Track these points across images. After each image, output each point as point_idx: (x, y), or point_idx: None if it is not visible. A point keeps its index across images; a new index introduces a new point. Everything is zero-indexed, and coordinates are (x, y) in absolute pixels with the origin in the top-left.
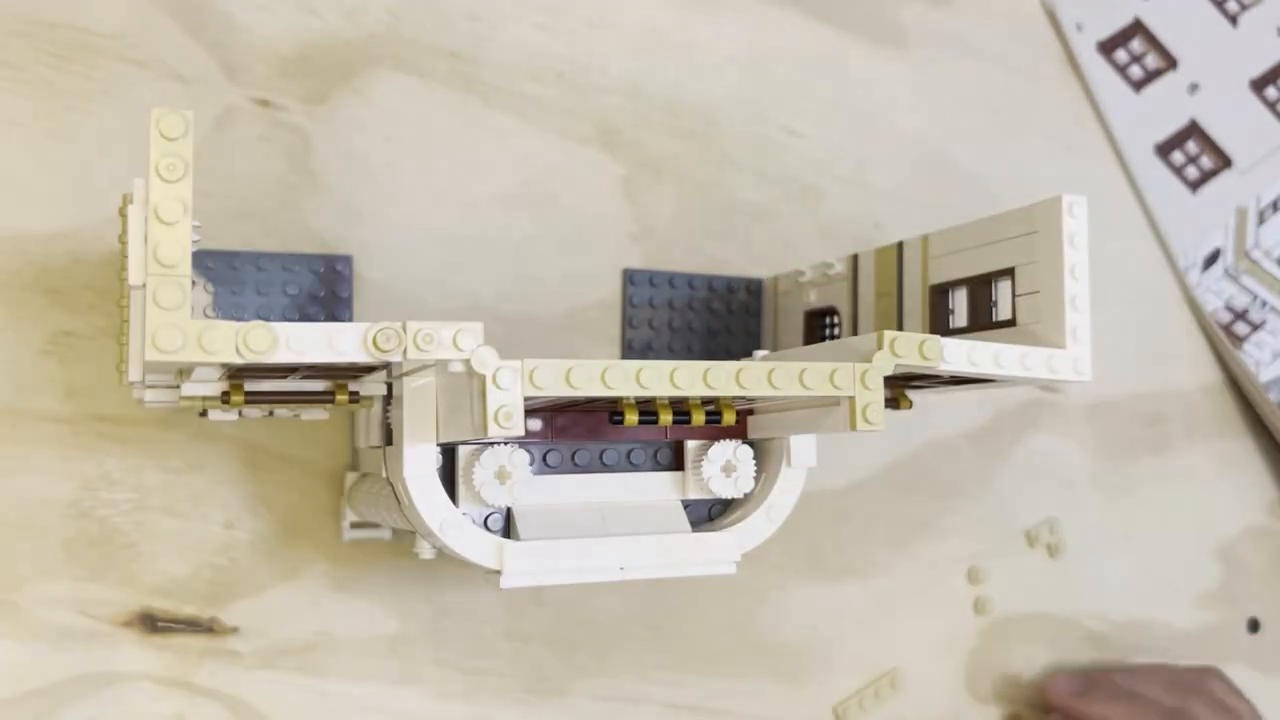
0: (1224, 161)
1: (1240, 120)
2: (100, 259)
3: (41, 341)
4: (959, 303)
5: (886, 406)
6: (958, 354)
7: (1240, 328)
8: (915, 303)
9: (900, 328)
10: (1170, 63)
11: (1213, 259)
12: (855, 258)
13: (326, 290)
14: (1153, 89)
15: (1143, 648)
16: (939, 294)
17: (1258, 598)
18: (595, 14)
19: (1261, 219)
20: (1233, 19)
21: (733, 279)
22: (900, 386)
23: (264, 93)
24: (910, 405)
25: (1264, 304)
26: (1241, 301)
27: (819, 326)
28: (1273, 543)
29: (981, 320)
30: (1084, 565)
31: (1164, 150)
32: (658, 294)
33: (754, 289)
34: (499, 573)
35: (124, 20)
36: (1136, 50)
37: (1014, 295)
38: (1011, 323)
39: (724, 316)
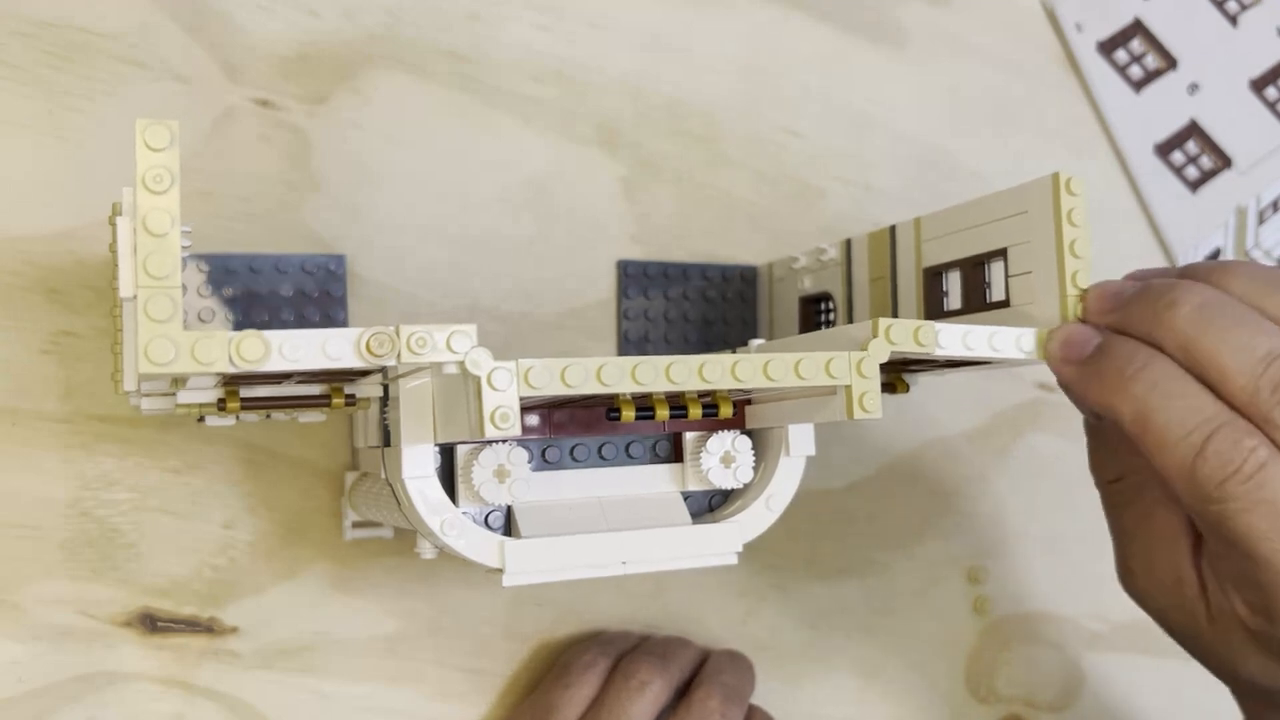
0: (1224, 161)
1: (1240, 120)
2: (100, 259)
3: (41, 342)
4: (953, 285)
5: (883, 391)
6: (952, 338)
7: None
8: (909, 286)
9: (895, 312)
10: (1170, 63)
11: (1213, 259)
12: (848, 242)
13: (321, 290)
14: (1153, 89)
15: (1143, 647)
16: (933, 276)
17: None
18: (595, 14)
19: (1261, 219)
20: (1233, 19)
21: (727, 267)
22: (897, 371)
23: (264, 93)
24: (908, 389)
25: None
26: None
27: (814, 312)
28: None
29: (976, 302)
30: (1084, 565)
31: (1164, 150)
32: (653, 284)
33: (749, 276)
34: (501, 571)
35: (124, 20)
36: (1136, 50)
37: (1007, 276)
38: (1005, 304)
39: (719, 305)
